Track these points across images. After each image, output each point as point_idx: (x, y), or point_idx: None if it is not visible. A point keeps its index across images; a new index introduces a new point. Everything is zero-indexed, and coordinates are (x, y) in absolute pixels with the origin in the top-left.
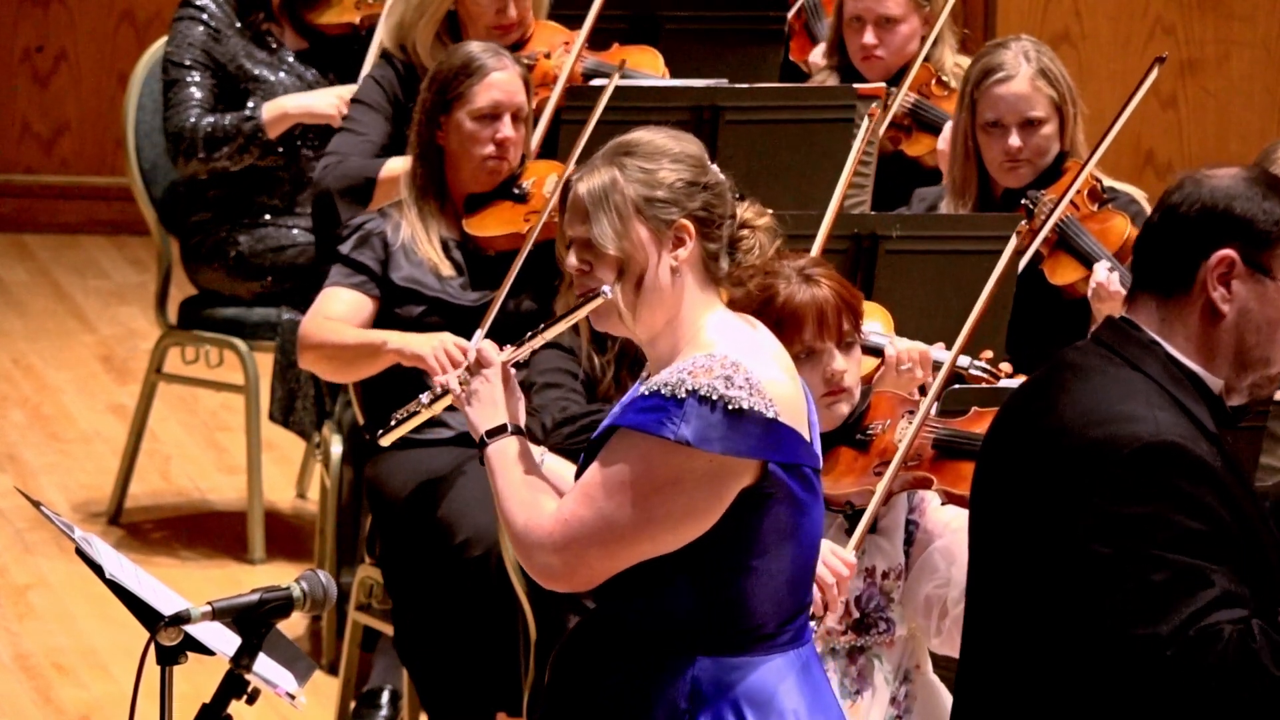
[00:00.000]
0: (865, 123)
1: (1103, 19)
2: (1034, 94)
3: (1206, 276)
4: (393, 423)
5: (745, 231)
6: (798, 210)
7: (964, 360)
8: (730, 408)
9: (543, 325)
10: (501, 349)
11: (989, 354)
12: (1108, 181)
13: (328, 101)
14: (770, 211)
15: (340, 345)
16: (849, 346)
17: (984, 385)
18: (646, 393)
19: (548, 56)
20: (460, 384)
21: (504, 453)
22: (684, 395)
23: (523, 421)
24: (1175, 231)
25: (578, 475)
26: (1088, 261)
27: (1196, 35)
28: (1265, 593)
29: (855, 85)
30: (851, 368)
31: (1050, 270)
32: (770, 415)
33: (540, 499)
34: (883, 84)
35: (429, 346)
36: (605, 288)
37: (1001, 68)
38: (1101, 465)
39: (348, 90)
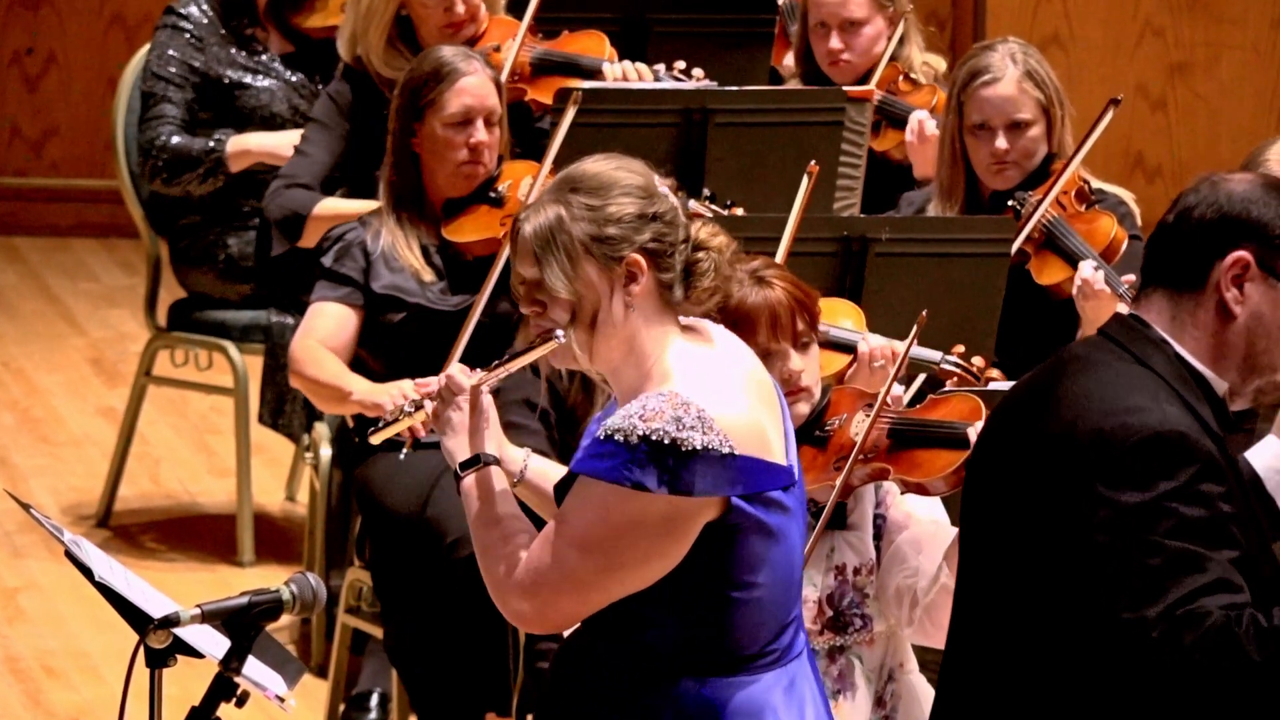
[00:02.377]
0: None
1: (1093, 21)
2: (1021, 96)
3: (1221, 277)
4: (381, 423)
5: (700, 254)
6: (787, 213)
7: (935, 355)
8: (684, 449)
9: (506, 356)
10: (472, 371)
11: (961, 348)
12: (1096, 183)
13: (291, 143)
14: (723, 231)
15: (316, 381)
16: (805, 346)
17: (965, 387)
18: (602, 436)
19: (498, 50)
20: (433, 409)
21: (478, 488)
22: (636, 440)
23: (496, 448)
24: (1191, 231)
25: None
26: (1074, 261)
27: (1186, 38)
28: (1260, 591)
29: (845, 88)
30: (809, 367)
31: (1037, 270)
32: (725, 451)
33: (514, 542)
34: (872, 87)
35: (387, 396)
36: (559, 333)
37: (988, 70)
38: (1105, 453)
39: None
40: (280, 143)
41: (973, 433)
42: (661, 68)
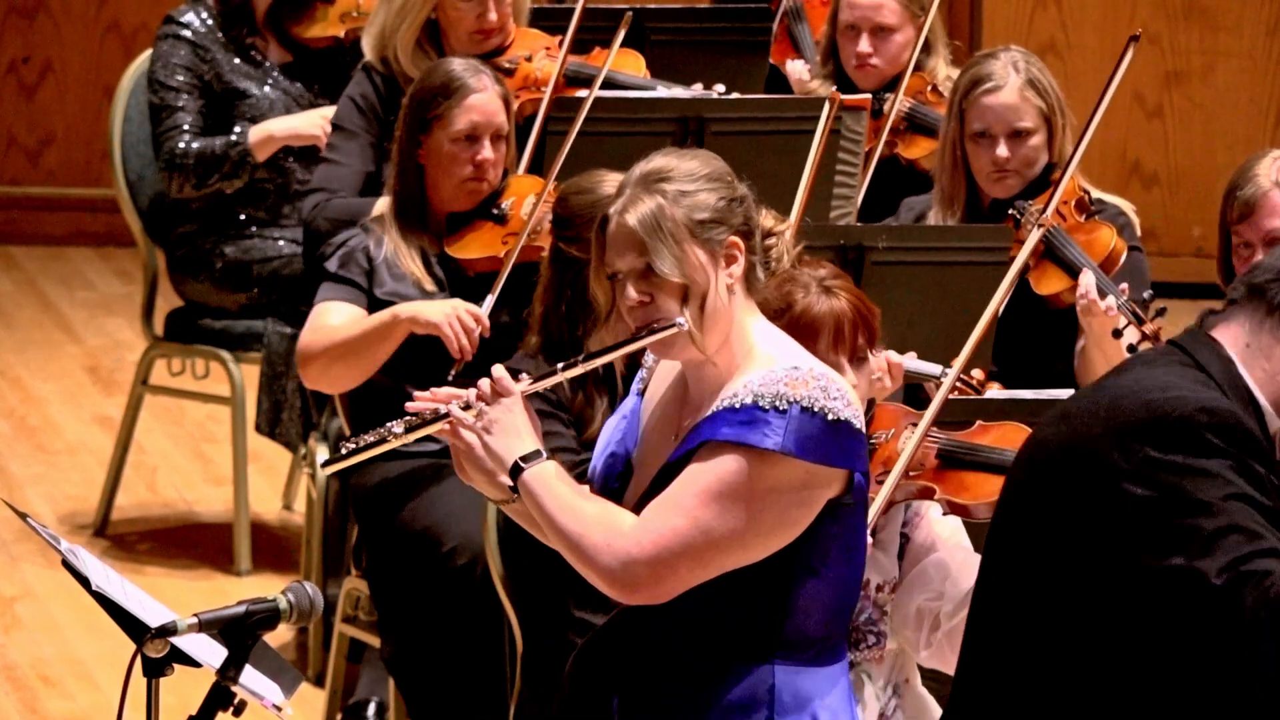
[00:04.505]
0: (825, 109)
1: (1089, 29)
2: (1022, 104)
3: None
4: (344, 451)
5: (771, 240)
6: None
7: (935, 369)
8: (830, 418)
9: (582, 356)
10: (517, 379)
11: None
12: (1096, 193)
13: (312, 122)
14: (784, 218)
15: (348, 339)
16: (860, 362)
17: (964, 398)
18: (738, 405)
19: (529, 60)
20: (469, 411)
21: (545, 476)
22: (786, 406)
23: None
24: None
25: (645, 497)
26: (1073, 272)
27: (1182, 46)
28: None
29: (841, 96)
30: (862, 383)
31: (1036, 280)
32: (858, 426)
33: (613, 513)
34: (868, 94)
35: (442, 314)
36: (680, 319)
37: (990, 78)
38: (1155, 420)
39: (331, 110)
40: (301, 124)
41: None
42: (699, 86)
